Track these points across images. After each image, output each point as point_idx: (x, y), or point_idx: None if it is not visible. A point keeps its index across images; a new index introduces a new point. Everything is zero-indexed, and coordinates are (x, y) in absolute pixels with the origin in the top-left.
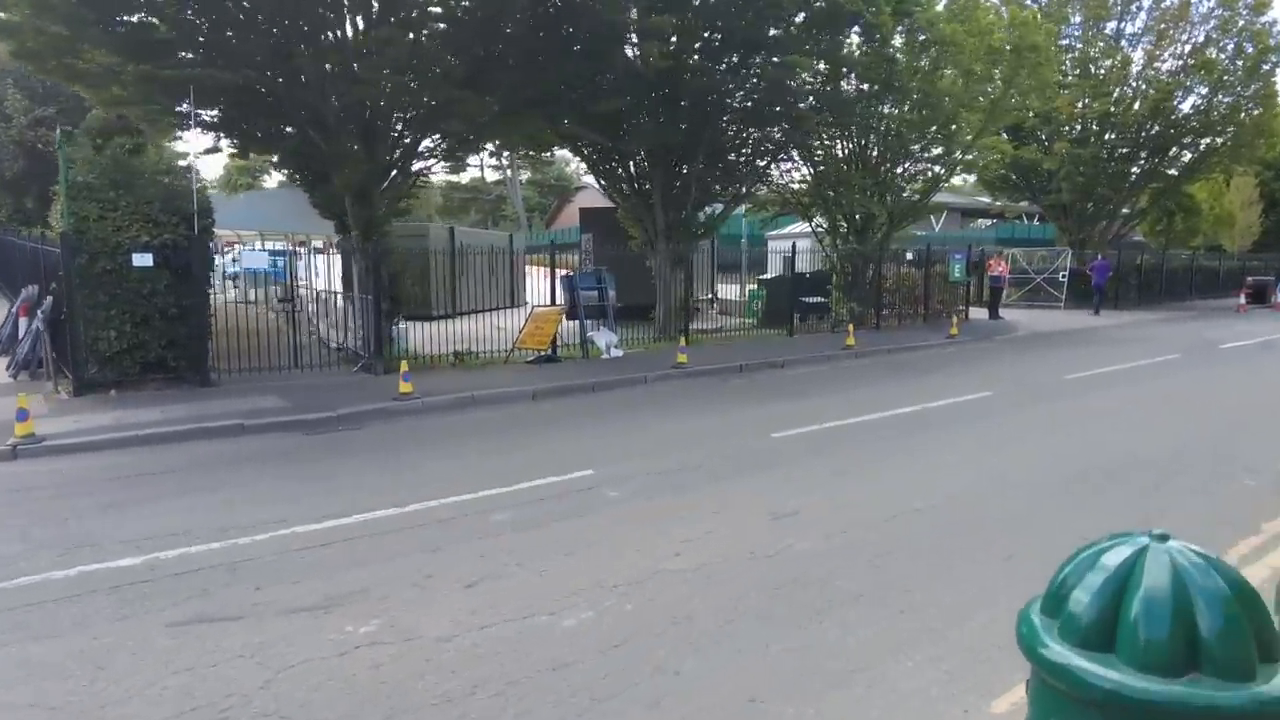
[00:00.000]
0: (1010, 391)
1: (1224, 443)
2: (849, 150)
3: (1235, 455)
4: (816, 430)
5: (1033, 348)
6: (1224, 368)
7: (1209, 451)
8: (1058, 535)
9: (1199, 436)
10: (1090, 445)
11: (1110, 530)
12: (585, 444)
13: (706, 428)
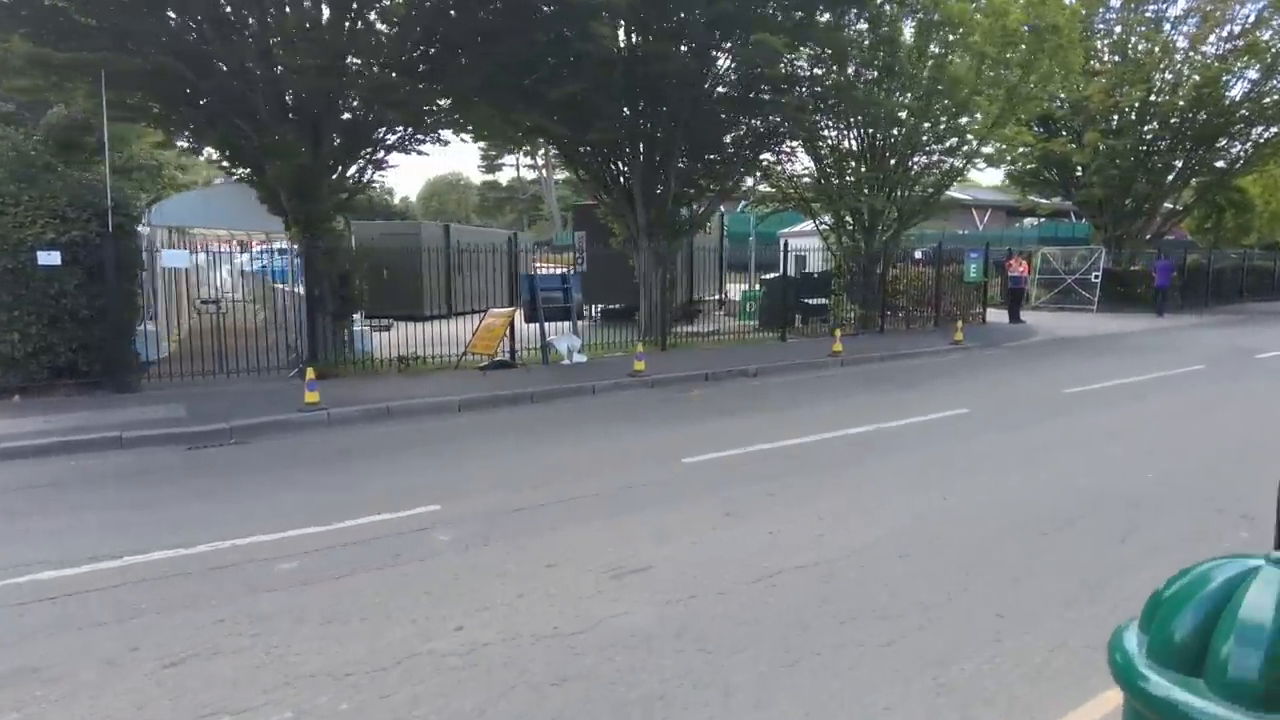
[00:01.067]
0: (990, 409)
1: (1223, 480)
2: (854, 142)
3: (1231, 498)
4: (739, 455)
5: (1043, 356)
6: (1250, 382)
7: (1200, 492)
8: (965, 621)
9: (1193, 470)
10: (1059, 481)
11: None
12: (462, 469)
13: (616, 450)
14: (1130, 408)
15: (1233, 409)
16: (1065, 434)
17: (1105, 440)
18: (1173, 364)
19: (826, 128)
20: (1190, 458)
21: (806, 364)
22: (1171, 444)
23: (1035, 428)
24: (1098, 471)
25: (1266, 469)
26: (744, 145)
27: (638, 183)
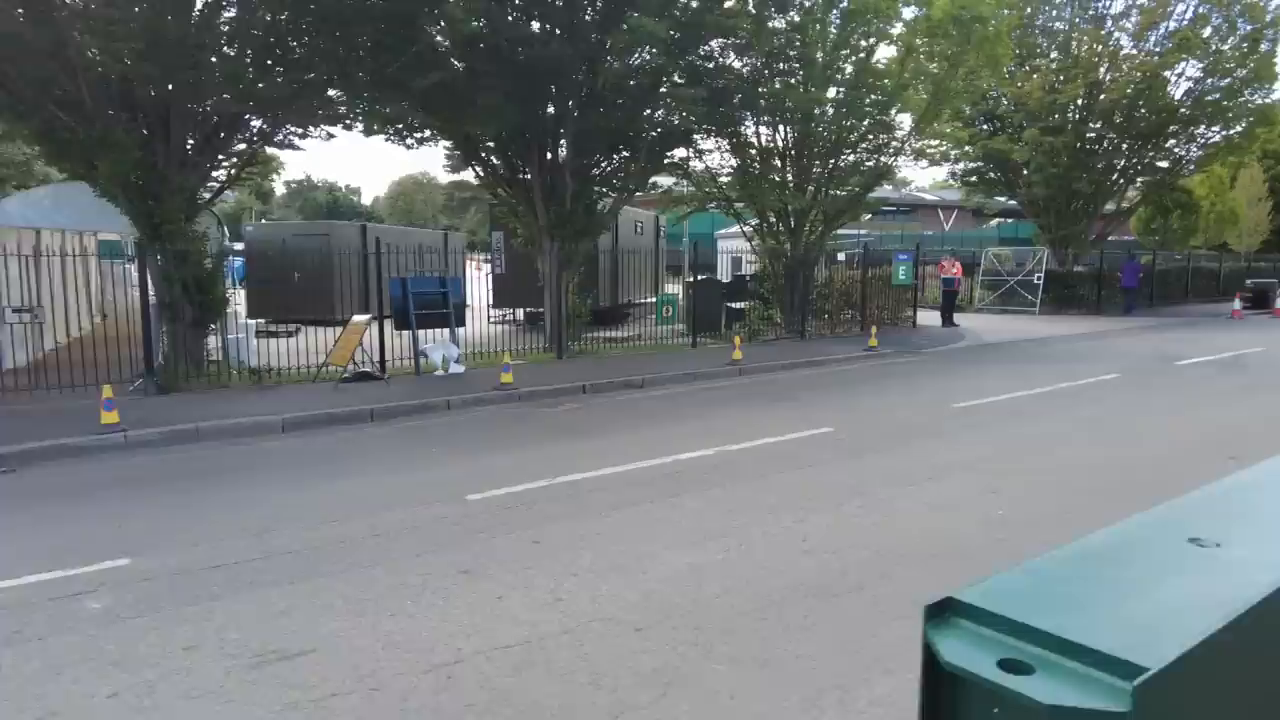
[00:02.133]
0: (859, 429)
1: (1065, 527)
2: (779, 139)
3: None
4: (539, 489)
5: (955, 364)
6: (1155, 396)
7: (1032, 543)
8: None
9: (1036, 516)
10: (883, 525)
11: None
12: (203, 508)
13: (405, 484)
14: (1011, 429)
15: (1119, 431)
16: (923, 461)
17: (962, 471)
18: (1086, 373)
19: (745, 123)
20: (1043, 495)
21: (703, 373)
22: (1029, 477)
23: (896, 453)
24: (937, 512)
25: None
26: (653, 141)
27: (536, 180)
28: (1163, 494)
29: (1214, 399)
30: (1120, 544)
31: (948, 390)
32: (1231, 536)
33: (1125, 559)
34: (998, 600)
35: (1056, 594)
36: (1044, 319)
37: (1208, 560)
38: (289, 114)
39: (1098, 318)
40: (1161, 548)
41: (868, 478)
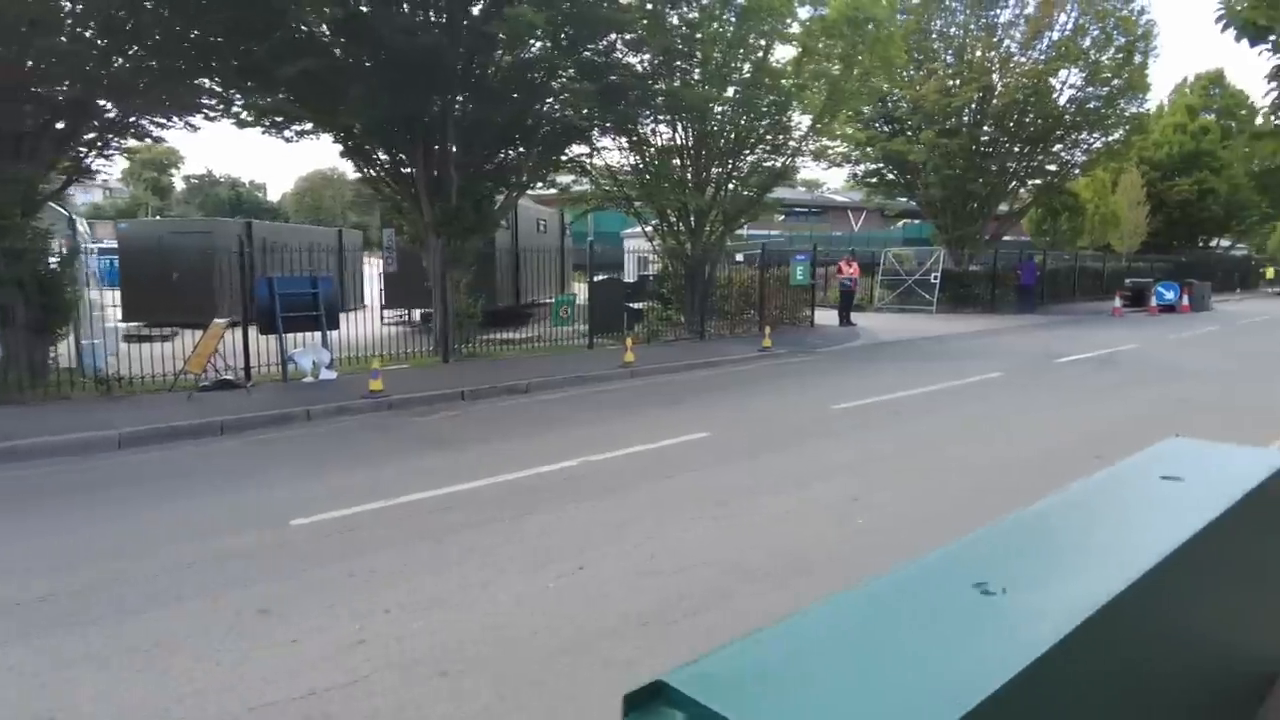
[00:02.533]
0: (734, 434)
1: (923, 537)
2: (679, 137)
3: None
4: (372, 512)
5: (846, 364)
6: (1036, 394)
7: (892, 555)
8: None
9: (899, 525)
10: (733, 541)
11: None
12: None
13: (223, 507)
14: (889, 430)
15: (995, 431)
16: (795, 466)
17: (831, 476)
18: (972, 371)
19: (642, 121)
20: (909, 501)
21: (594, 376)
22: (898, 481)
23: (769, 458)
24: (797, 521)
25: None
26: (545, 137)
27: (421, 174)
28: (1030, 496)
29: (1088, 396)
30: (900, 592)
31: (835, 390)
32: (1019, 579)
33: (893, 615)
34: (710, 687)
35: (787, 673)
36: (940, 318)
37: (992, 611)
38: (143, 101)
39: (992, 316)
40: (944, 596)
41: (734, 485)
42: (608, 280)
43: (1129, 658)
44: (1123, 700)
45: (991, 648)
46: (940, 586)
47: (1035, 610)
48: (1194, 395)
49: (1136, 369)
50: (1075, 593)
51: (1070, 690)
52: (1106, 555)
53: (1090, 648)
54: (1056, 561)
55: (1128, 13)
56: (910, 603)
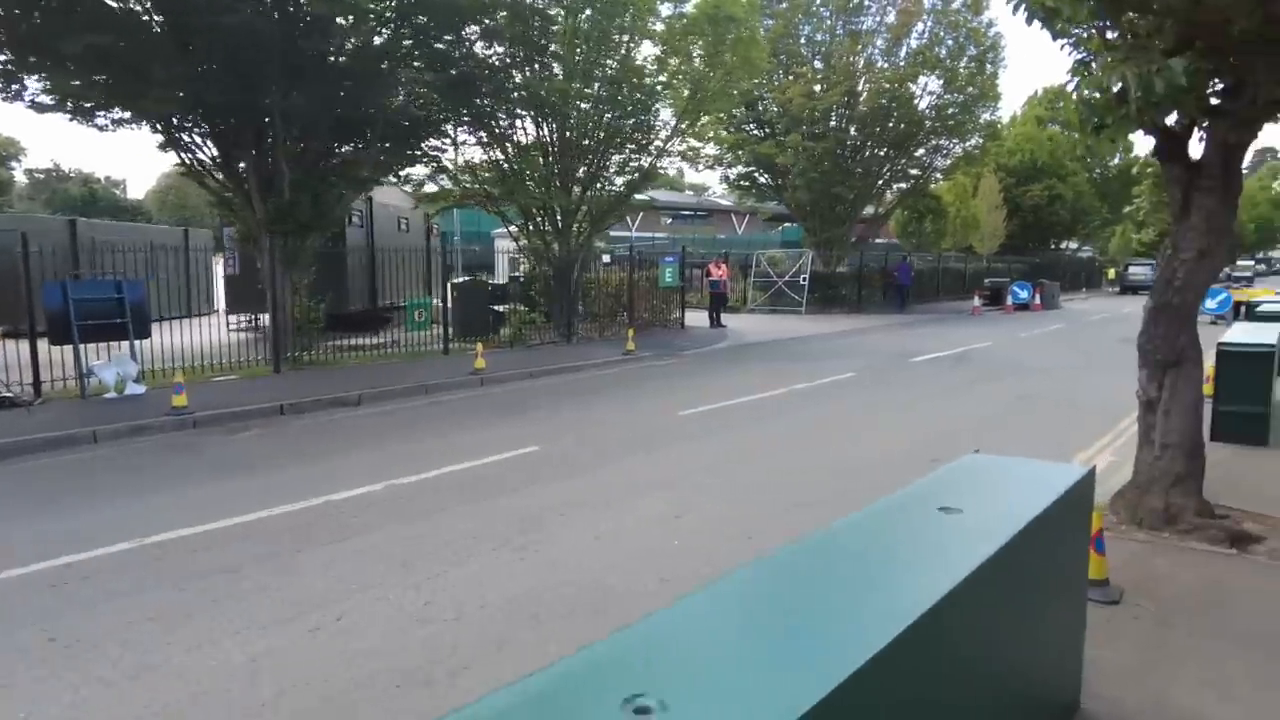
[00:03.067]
0: (570, 445)
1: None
2: (537, 134)
3: None
4: (105, 556)
5: (707, 366)
6: (886, 394)
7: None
8: None
9: (719, 546)
10: (529, 572)
11: None
12: None
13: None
14: (733, 435)
15: (839, 434)
16: (624, 480)
17: (659, 489)
18: (825, 372)
19: (499, 115)
20: (735, 517)
21: (438, 385)
22: (729, 493)
23: (598, 473)
24: (605, 545)
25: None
26: (391, 130)
27: (251, 168)
28: (855, 503)
29: (938, 394)
30: (547, 699)
31: (689, 395)
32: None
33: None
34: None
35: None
36: (809, 318)
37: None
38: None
39: (858, 315)
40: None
41: (548, 508)
42: (470, 282)
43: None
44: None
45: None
46: (583, 698)
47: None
48: (1038, 391)
49: (987, 366)
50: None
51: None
52: (846, 625)
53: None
54: (712, 674)
55: (977, 24)
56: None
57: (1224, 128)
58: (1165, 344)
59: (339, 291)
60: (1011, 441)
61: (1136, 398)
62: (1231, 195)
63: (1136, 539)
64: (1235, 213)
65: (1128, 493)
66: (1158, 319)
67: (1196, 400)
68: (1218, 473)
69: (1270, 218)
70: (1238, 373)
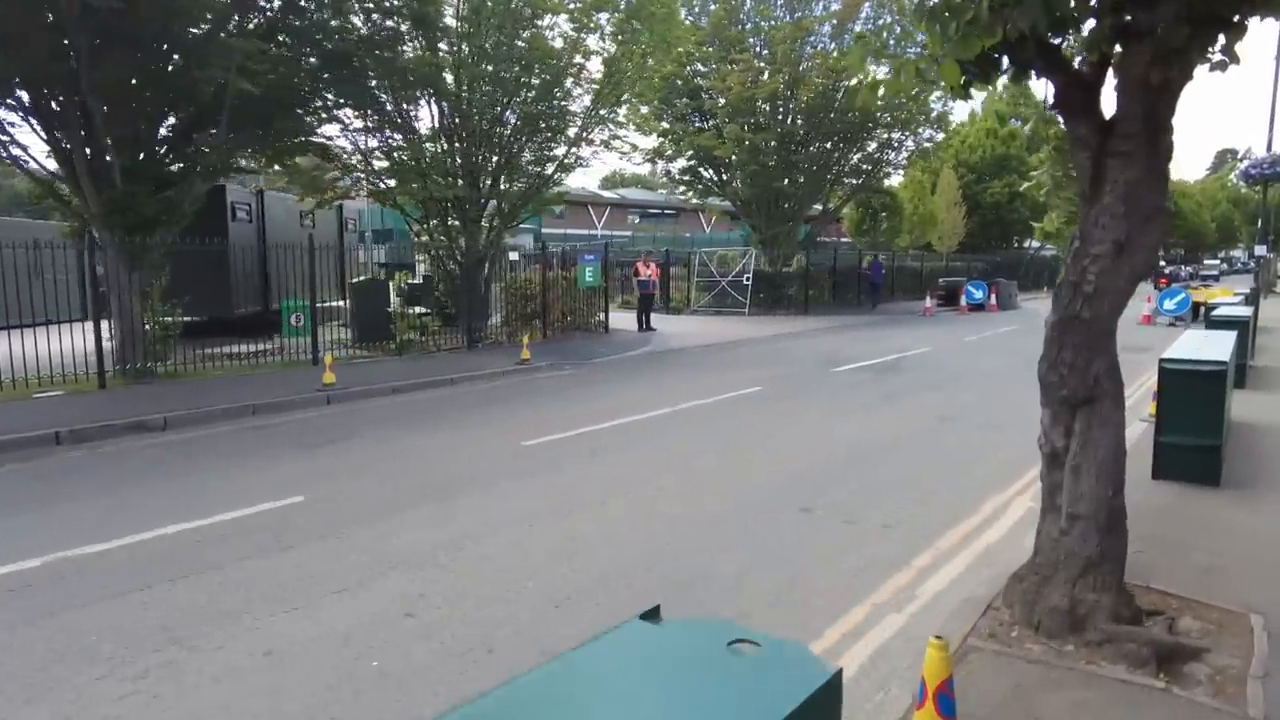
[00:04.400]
0: (353, 493)
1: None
2: (444, 120)
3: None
4: None
5: (606, 379)
6: (787, 413)
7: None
8: None
9: (417, 677)
10: (180, 697)
11: None
12: None
13: None
14: (565, 475)
15: (706, 470)
16: (381, 548)
17: (414, 566)
18: (732, 385)
19: (382, 96)
20: (471, 629)
21: (276, 404)
22: (487, 581)
23: (359, 535)
24: (264, 679)
25: (585, 622)
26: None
27: (79, 153)
28: (644, 599)
29: (844, 412)
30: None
31: (553, 417)
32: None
33: None
34: None
35: None
36: (751, 320)
37: None
38: None
39: (804, 317)
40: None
41: (269, 590)
42: (369, 281)
43: None
44: None
45: None
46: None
47: None
48: (964, 408)
49: (914, 377)
50: None
51: None
52: None
53: None
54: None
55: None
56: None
57: (1142, 61)
58: (1074, 374)
59: (221, 293)
60: (906, 480)
61: (1039, 448)
62: (1159, 162)
63: (1028, 654)
64: (1166, 187)
65: (1026, 579)
66: (1063, 339)
67: (1117, 451)
68: (1155, 527)
69: (1230, 216)
70: (1184, 396)
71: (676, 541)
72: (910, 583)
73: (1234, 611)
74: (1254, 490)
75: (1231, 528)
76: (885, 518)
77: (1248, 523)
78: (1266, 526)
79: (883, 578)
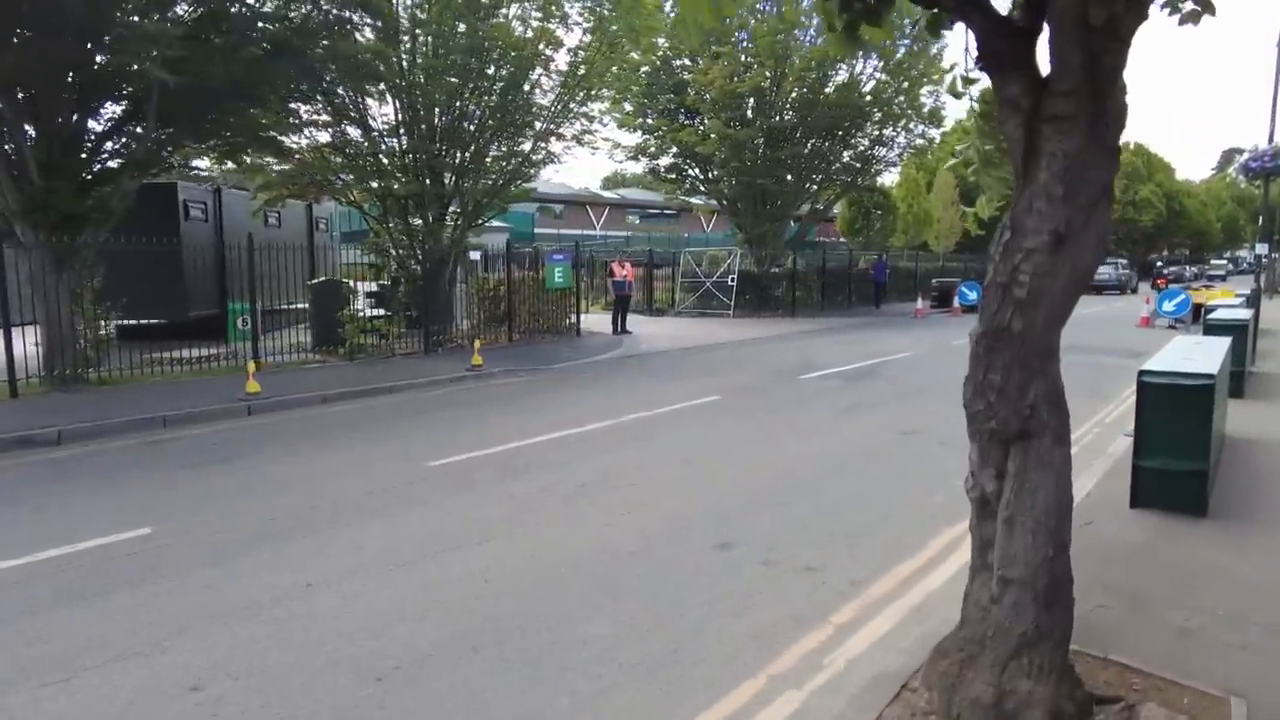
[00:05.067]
0: (200, 523)
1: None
2: (405, 114)
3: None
4: None
5: (559, 387)
6: (741, 425)
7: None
8: None
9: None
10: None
11: None
12: None
13: None
14: (476, 501)
15: (630, 495)
16: (199, 601)
17: (232, 622)
18: (689, 394)
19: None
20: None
21: (190, 415)
22: (287, 656)
23: (193, 579)
24: None
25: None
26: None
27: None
28: (557, 642)
29: (799, 427)
30: None
31: (484, 430)
32: None
33: None
34: None
35: None
36: (735, 323)
37: None
38: None
39: (790, 319)
40: None
41: (37, 657)
42: (327, 283)
43: None
44: None
45: None
46: None
47: None
48: (931, 421)
49: (887, 386)
50: None
51: None
52: None
53: None
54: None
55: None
56: None
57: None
58: (1003, 401)
59: (174, 295)
60: (848, 508)
61: (966, 492)
62: (1105, 129)
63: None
64: (1115, 162)
65: (950, 655)
66: (990, 357)
67: (1059, 500)
68: (1126, 573)
69: (1235, 216)
70: (1166, 414)
71: (558, 592)
72: (822, 645)
73: (1211, 695)
74: (1244, 523)
75: (1216, 573)
76: (812, 557)
77: (1235, 568)
78: (1255, 573)
79: (790, 639)
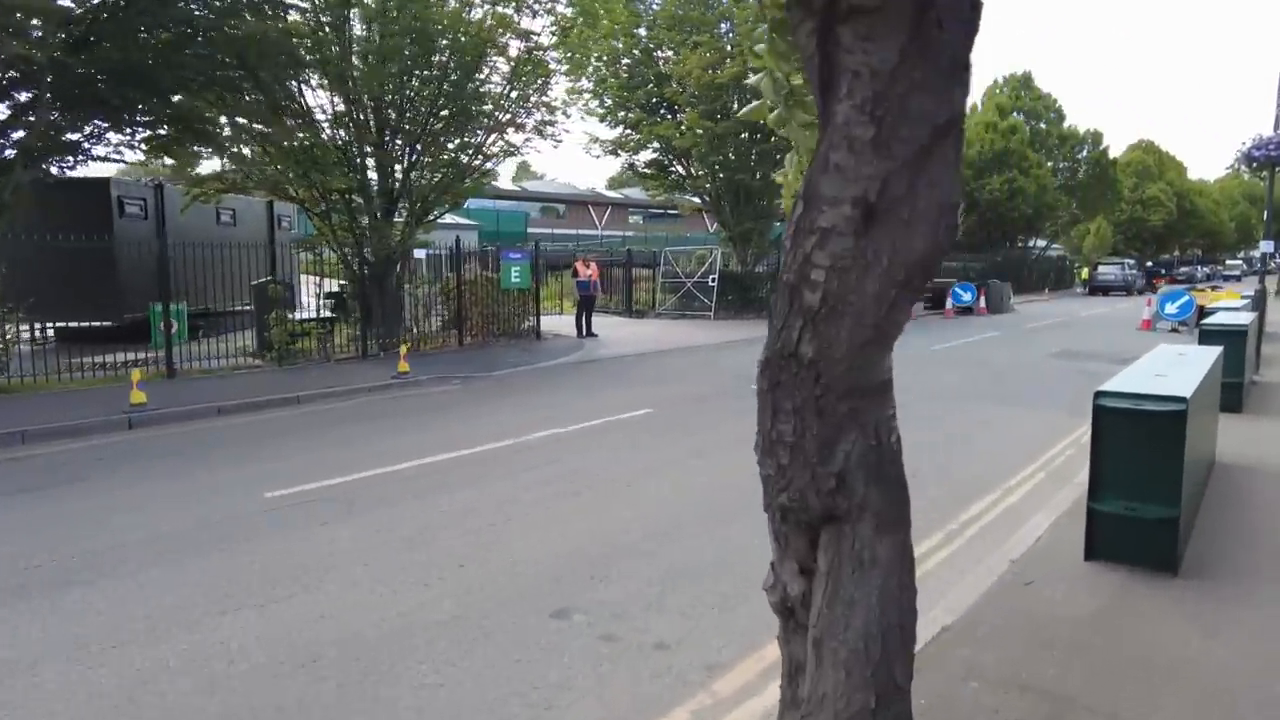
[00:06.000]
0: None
1: None
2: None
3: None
4: None
5: (491, 396)
6: (660, 444)
7: None
8: None
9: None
10: None
11: None
12: None
13: None
14: (264, 551)
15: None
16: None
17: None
18: (617, 407)
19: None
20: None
21: (59, 429)
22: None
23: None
24: None
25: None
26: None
27: None
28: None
29: (722, 450)
30: None
31: (359, 451)
32: None
33: None
34: None
35: None
36: (714, 325)
37: None
38: None
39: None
40: None
41: None
42: (268, 284)
43: None
44: None
45: None
46: None
47: None
48: None
49: None
50: None
51: None
52: None
53: None
54: None
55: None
56: None
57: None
58: (798, 465)
59: (107, 296)
60: (734, 560)
61: (766, 593)
62: (937, 28)
63: None
64: (957, 90)
65: None
66: (777, 397)
67: (888, 618)
68: (1063, 663)
69: (1248, 215)
70: (1128, 446)
71: (335, 678)
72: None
73: None
74: (1224, 586)
75: (1179, 665)
76: (668, 629)
77: (1206, 656)
78: (1231, 662)
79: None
